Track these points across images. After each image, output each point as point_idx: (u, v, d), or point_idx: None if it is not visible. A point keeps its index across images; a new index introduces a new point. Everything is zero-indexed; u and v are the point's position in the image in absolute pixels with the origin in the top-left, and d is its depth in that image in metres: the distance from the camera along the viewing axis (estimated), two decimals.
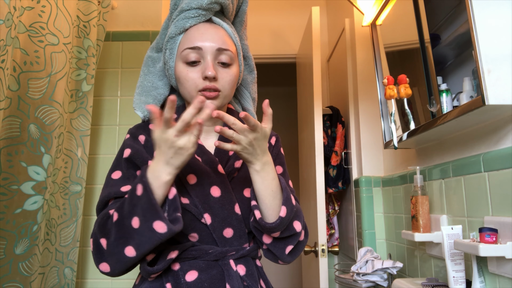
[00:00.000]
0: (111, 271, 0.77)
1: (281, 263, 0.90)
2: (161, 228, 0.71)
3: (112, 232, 0.75)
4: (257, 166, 0.80)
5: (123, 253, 0.74)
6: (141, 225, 0.72)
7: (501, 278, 0.93)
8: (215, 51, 0.87)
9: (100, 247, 0.76)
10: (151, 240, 0.72)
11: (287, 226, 0.84)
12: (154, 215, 0.71)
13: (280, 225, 0.81)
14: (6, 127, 1.31)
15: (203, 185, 0.85)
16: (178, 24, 0.89)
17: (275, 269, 3.52)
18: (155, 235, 0.72)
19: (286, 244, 0.86)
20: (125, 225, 0.74)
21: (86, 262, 1.76)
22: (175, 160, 0.73)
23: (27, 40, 1.37)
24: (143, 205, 0.72)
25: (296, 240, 0.86)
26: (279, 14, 2.69)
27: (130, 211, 0.73)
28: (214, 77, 0.85)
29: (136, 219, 0.73)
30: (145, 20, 1.94)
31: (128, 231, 0.73)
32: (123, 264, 0.75)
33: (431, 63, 1.20)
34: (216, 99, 0.86)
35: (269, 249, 0.88)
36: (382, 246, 1.74)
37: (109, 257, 0.76)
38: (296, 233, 0.85)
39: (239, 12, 1.00)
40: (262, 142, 0.79)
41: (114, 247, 0.75)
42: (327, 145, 2.11)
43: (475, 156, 1.05)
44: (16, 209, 1.29)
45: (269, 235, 0.86)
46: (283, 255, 0.87)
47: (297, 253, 0.89)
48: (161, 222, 0.71)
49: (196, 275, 0.81)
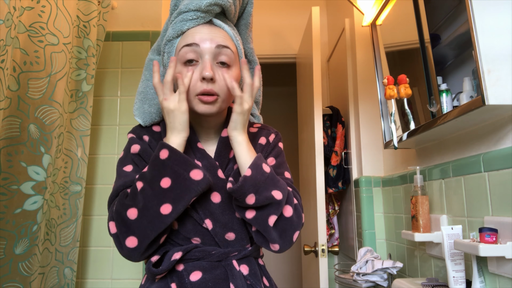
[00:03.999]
0: (139, 244, 0.77)
1: (273, 248, 0.82)
2: (198, 175, 0.77)
3: (140, 199, 0.77)
4: (241, 138, 0.84)
5: (158, 212, 0.76)
6: (174, 181, 0.77)
7: (501, 278, 0.93)
8: (214, 49, 0.83)
9: (127, 220, 0.76)
10: (189, 190, 0.77)
11: (262, 192, 0.79)
12: (189, 166, 0.78)
13: (245, 185, 0.77)
14: (6, 127, 1.31)
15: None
16: (175, 27, 0.86)
17: (275, 269, 3.52)
18: (192, 183, 0.77)
19: (268, 214, 0.80)
20: (155, 189, 0.77)
21: (86, 262, 1.76)
22: (175, 123, 0.81)
23: (27, 40, 1.37)
24: (173, 163, 0.77)
25: (278, 210, 0.80)
26: (279, 14, 2.69)
27: (157, 174, 0.77)
28: (211, 78, 0.81)
29: (166, 179, 0.77)
30: (145, 20, 1.94)
31: (159, 192, 0.77)
32: (156, 227, 0.76)
33: (431, 63, 1.20)
34: (214, 104, 0.84)
35: (257, 230, 0.82)
36: (382, 246, 1.74)
37: (138, 227, 0.76)
38: (275, 201, 0.80)
39: (244, 14, 0.96)
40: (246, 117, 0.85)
41: (146, 210, 0.76)
42: (327, 145, 2.11)
43: (475, 156, 1.05)
44: (16, 209, 1.29)
45: (247, 207, 0.81)
46: (269, 229, 0.80)
47: (286, 232, 0.82)
48: (197, 169, 0.78)
49: (200, 275, 0.82)
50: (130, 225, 0.76)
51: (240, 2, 0.93)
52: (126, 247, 0.77)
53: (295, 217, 0.83)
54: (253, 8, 0.98)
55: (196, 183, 0.77)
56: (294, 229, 0.82)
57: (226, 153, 0.90)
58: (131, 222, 0.76)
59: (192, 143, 0.89)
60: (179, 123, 0.81)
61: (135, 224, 0.76)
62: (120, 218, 0.77)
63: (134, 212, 0.76)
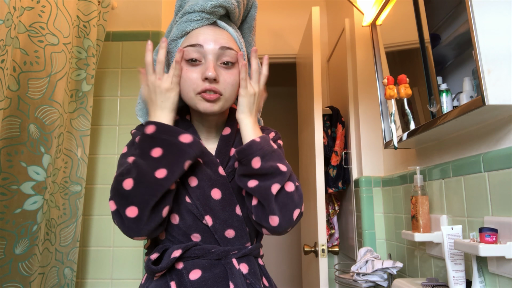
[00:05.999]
0: (140, 213, 0.75)
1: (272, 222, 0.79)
2: (187, 138, 0.79)
3: (134, 170, 0.77)
4: (249, 120, 0.86)
5: (153, 177, 0.76)
6: (165, 148, 0.78)
7: (501, 278, 0.93)
8: (217, 50, 0.84)
9: (124, 191, 0.76)
10: (181, 152, 0.78)
11: (268, 160, 0.80)
12: (176, 132, 0.79)
13: (253, 147, 0.81)
14: (6, 127, 1.31)
15: (203, 187, 0.85)
16: (180, 27, 0.87)
17: (275, 269, 3.52)
18: (183, 145, 0.78)
19: (271, 182, 0.79)
20: (147, 159, 0.77)
21: (86, 262, 1.76)
22: (166, 103, 0.82)
23: (27, 40, 1.37)
24: (160, 134, 0.78)
25: (282, 180, 0.80)
26: (279, 14, 2.69)
27: (147, 147, 0.78)
28: (214, 79, 0.82)
29: (156, 149, 0.78)
30: (145, 20, 1.94)
31: (152, 161, 0.77)
32: (153, 192, 0.75)
33: (431, 63, 1.20)
34: (216, 102, 0.84)
35: (257, 202, 0.81)
36: (382, 246, 1.74)
37: (136, 195, 0.75)
38: (280, 171, 0.80)
39: (248, 17, 0.97)
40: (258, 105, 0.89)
41: (141, 177, 0.76)
42: (327, 145, 2.11)
43: (475, 156, 1.05)
44: (16, 209, 1.29)
45: (251, 174, 0.81)
46: (270, 198, 0.79)
47: (287, 206, 0.80)
48: (184, 134, 0.79)
49: (200, 274, 0.82)
50: (127, 195, 0.76)
51: (244, 6, 0.94)
52: (127, 218, 0.75)
53: (296, 195, 0.82)
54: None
55: (186, 145, 0.79)
56: (294, 206, 0.82)
57: (226, 150, 0.91)
58: (128, 192, 0.76)
59: None
60: (171, 103, 0.83)
61: (132, 192, 0.75)
62: (117, 192, 0.77)
63: (130, 182, 0.76)
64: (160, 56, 0.84)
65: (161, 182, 0.76)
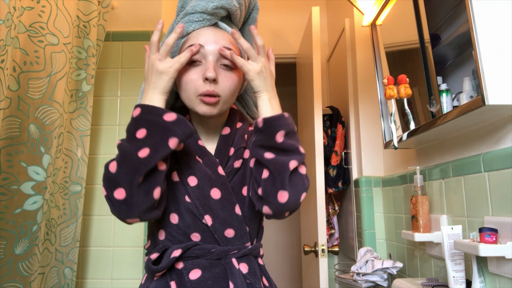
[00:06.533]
0: (127, 194, 0.74)
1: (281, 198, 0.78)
2: (171, 117, 0.77)
3: (119, 153, 0.76)
4: (266, 96, 0.85)
5: (136, 156, 0.74)
6: (149, 128, 0.76)
7: (501, 278, 0.93)
8: (218, 51, 0.84)
9: (110, 175, 0.75)
10: (166, 130, 0.76)
11: (291, 138, 0.81)
12: (161, 111, 0.77)
13: (282, 119, 0.81)
14: (6, 127, 1.31)
15: (203, 187, 0.85)
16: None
17: (275, 269, 3.52)
18: (167, 123, 0.76)
19: (290, 157, 0.79)
20: (132, 141, 0.76)
21: (86, 262, 1.76)
22: (158, 84, 0.80)
23: (27, 40, 1.37)
24: (145, 115, 0.77)
25: (300, 158, 0.80)
26: (279, 14, 2.69)
27: (132, 129, 0.77)
28: (214, 79, 0.82)
29: (141, 130, 0.76)
30: (145, 20, 1.94)
31: (136, 142, 0.76)
32: (136, 169, 0.73)
33: (431, 63, 1.20)
34: (215, 105, 0.84)
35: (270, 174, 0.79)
36: (382, 246, 1.74)
37: (120, 175, 0.74)
38: (300, 152, 0.81)
39: (249, 19, 0.97)
40: (270, 74, 0.87)
41: (124, 158, 0.75)
42: (327, 145, 2.11)
43: (475, 156, 1.05)
44: (16, 209, 1.29)
45: (271, 147, 0.80)
46: (286, 172, 0.78)
47: (297, 186, 0.79)
48: (169, 113, 0.77)
49: (200, 274, 0.82)
50: (113, 178, 0.74)
51: (246, 7, 0.94)
52: (115, 200, 0.74)
53: (306, 180, 0.82)
54: None
55: (170, 123, 0.76)
56: (303, 188, 0.80)
57: (226, 150, 0.91)
58: (113, 175, 0.74)
59: (193, 141, 0.89)
60: (164, 86, 0.81)
61: (117, 174, 0.74)
62: (105, 176, 0.76)
63: (114, 165, 0.75)
64: (169, 39, 0.81)
65: (143, 161, 0.74)
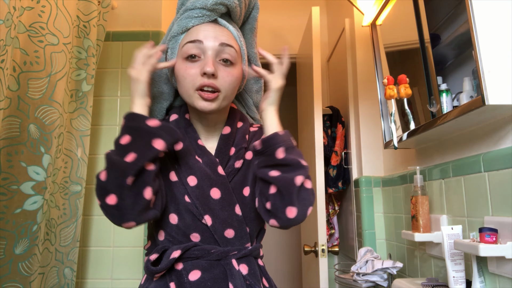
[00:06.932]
0: (118, 199, 0.75)
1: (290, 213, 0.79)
2: (154, 123, 0.79)
3: (107, 162, 0.78)
4: (275, 110, 0.94)
5: (122, 161, 0.76)
6: (132, 134, 0.78)
7: (501, 278, 0.93)
8: (217, 46, 0.84)
9: (101, 183, 0.76)
10: (149, 134, 0.78)
11: (291, 153, 0.83)
12: (143, 118, 0.80)
13: (277, 137, 0.84)
14: (6, 127, 1.31)
15: (203, 187, 0.85)
16: (181, 23, 0.88)
17: (275, 269, 3.52)
18: (151, 128, 0.78)
19: (295, 174, 0.80)
20: (117, 148, 0.78)
21: (86, 262, 1.76)
22: (133, 89, 0.85)
23: (27, 40, 1.37)
24: (128, 123, 0.80)
25: (305, 173, 0.81)
26: (279, 14, 2.68)
27: (118, 138, 0.79)
28: (213, 74, 0.82)
29: (125, 137, 0.79)
30: (145, 20, 1.94)
31: (121, 148, 0.78)
32: (123, 173, 0.75)
33: (431, 63, 1.20)
34: (214, 101, 0.84)
35: (277, 190, 0.80)
36: (382, 246, 1.74)
37: (109, 182, 0.75)
38: (303, 165, 0.82)
39: (250, 18, 0.97)
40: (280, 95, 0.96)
41: (112, 165, 0.76)
42: (327, 145, 2.11)
43: (475, 156, 1.05)
44: (16, 209, 1.29)
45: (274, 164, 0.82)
46: (293, 188, 0.78)
47: (305, 201, 0.80)
48: (152, 119, 0.80)
49: (199, 275, 0.82)
50: (104, 185, 0.76)
51: (246, 6, 0.94)
52: (108, 206, 0.75)
53: (312, 194, 0.83)
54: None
55: (155, 128, 0.79)
56: (310, 203, 0.81)
57: (226, 150, 0.90)
58: (103, 182, 0.76)
59: (193, 140, 0.89)
60: (137, 91, 0.84)
61: (107, 182, 0.76)
62: (97, 187, 0.77)
63: (104, 173, 0.76)
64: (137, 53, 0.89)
65: (130, 165, 0.75)
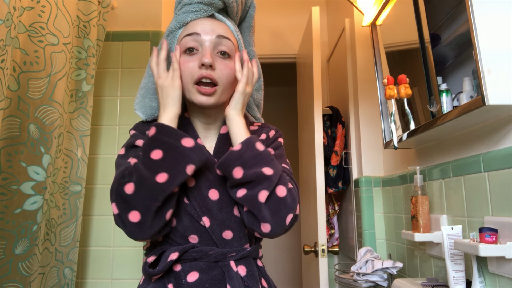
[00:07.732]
0: (142, 217, 0.75)
1: (264, 229, 0.78)
2: (189, 143, 0.78)
3: (134, 174, 0.76)
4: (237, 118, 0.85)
5: (154, 181, 0.75)
6: (165, 151, 0.77)
7: (501, 278, 0.93)
8: (214, 38, 0.85)
9: (125, 196, 0.75)
10: (183, 156, 0.77)
11: (252, 168, 0.78)
12: (179, 135, 0.78)
13: (230, 158, 0.79)
14: (6, 127, 1.31)
15: (201, 188, 0.84)
16: (178, 18, 0.89)
17: (275, 269, 3.52)
18: (185, 149, 0.77)
19: (258, 190, 0.78)
20: (147, 162, 0.76)
21: (86, 262, 1.76)
22: (165, 100, 0.83)
23: (27, 40, 1.37)
24: (161, 136, 0.78)
25: (269, 186, 0.78)
26: (279, 14, 2.68)
27: (147, 149, 0.77)
28: (211, 65, 0.83)
29: (156, 151, 0.77)
30: (145, 20, 1.94)
31: (152, 163, 0.76)
32: (155, 196, 0.74)
33: (431, 63, 1.20)
34: (212, 95, 0.85)
35: (248, 209, 0.80)
36: (382, 246, 1.74)
37: (137, 199, 0.75)
38: (264, 176, 0.78)
39: (247, 17, 0.99)
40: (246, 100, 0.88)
41: (142, 182, 0.75)
42: (327, 145, 2.11)
43: (475, 156, 1.05)
44: (16, 209, 1.29)
45: (238, 184, 0.80)
46: (259, 206, 0.77)
47: (279, 212, 0.78)
48: (188, 138, 0.79)
49: (197, 276, 0.81)
50: (129, 200, 0.75)
51: (243, 3, 0.95)
52: (129, 222, 0.75)
53: (289, 199, 0.80)
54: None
55: (189, 149, 0.78)
56: (287, 211, 0.79)
57: (224, 150, 0.90)
58: (129, 196, 0.75)
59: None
60: (172, 99, 0.83)
61: (134, 197, 0.75)
62: (119, 196, 0.76)
63: (131, 187, 0.75)
64: (160, 57, 0.86)
65: (162, 187, 0.75)
